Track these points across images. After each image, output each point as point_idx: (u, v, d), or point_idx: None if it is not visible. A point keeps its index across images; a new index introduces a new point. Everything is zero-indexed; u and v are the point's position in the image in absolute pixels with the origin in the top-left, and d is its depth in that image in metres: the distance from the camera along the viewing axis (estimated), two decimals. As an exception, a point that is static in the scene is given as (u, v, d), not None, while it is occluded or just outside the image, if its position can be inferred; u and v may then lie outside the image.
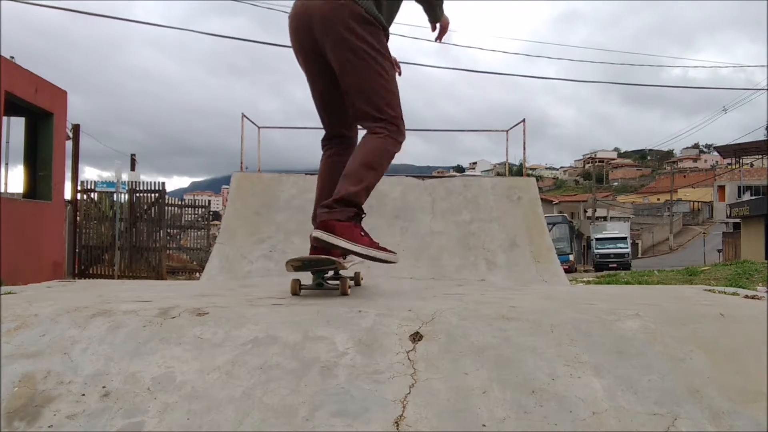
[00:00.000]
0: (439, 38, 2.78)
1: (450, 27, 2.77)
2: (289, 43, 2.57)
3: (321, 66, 2.43)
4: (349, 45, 2.24)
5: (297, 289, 2.52)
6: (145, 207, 13.35)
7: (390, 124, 2.33)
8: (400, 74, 2.62)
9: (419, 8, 2.81)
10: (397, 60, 2.63)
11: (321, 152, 2.76)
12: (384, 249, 2.40)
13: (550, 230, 5.96)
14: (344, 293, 2.48)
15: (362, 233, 2.31)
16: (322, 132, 2.76)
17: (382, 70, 2.30)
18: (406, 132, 2.54)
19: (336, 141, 2.65)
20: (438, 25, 2.74)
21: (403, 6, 2.73)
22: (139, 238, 13.32)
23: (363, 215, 2.37)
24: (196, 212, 16.61)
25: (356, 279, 2.81)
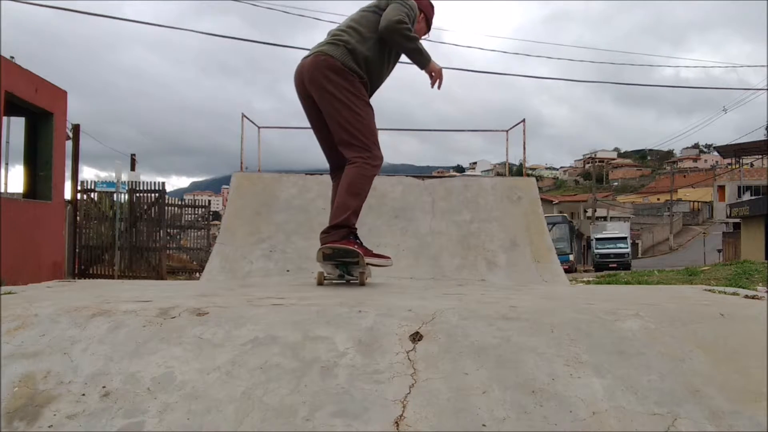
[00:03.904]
0: (432, 84, 3.17)
1: (443, 74, 3.16)
2: (281, 43, 2.79)
3: (314, 109, 3.06)
4: (327, 89, 2.89)
5: (322, 279, 2.98)
6: (145, 207, 13.34)
7: (364, 151, 2.90)
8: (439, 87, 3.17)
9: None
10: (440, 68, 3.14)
11: (318, 153, 3.28)
12: (379, 255, 3.05)
13: (550, 230, 5.96)
14: (362, 284, 2.96)
15: (354, 242, 2.88)
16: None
17: (355, 107, 2.89)
18: (407, 131, 5.28)
19: (339, 172, 3.11)
20: (428, 72, 3.15)
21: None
22: (139, 238, 13.31)
23: (355, 231, 2.93)
24: (196, 212, 16.61)
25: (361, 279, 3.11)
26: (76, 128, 13.11)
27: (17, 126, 10.26)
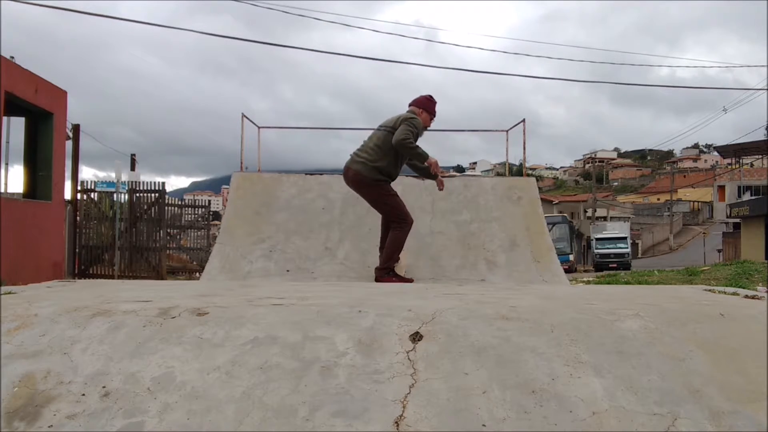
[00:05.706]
0: (432, 171, 4.57)
1: (439, 169, 4.62)
2: (276, 42, 3.37)
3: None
4: (368, 194, 4.57)
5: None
6: (145, 207, 13.33)
7: (398, 223, 4.47)
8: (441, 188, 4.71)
9: (406, 13, 3.75)
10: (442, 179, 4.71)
11: (318, 153, 5.17)
12: (403, 279, 4.49)
13: (550, 230, 5.95)
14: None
15: (393, 278, 4.42)
16: (319, 133, 4.89)
17: (388, 200, 4.51)
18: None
19: (385, 227, 4.70)
20: (428, 164, 4.50)
21: (389, 10, 3.48)
22: (139, 238, 13.30)
23: (392, 268, 4.50)
24: (196, 212, 16.59)
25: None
26: (76, 128, 13.10)
27: (17, 126, 10.25)
